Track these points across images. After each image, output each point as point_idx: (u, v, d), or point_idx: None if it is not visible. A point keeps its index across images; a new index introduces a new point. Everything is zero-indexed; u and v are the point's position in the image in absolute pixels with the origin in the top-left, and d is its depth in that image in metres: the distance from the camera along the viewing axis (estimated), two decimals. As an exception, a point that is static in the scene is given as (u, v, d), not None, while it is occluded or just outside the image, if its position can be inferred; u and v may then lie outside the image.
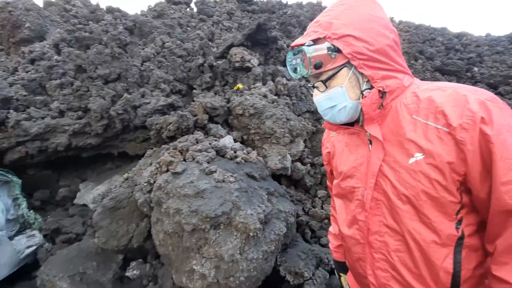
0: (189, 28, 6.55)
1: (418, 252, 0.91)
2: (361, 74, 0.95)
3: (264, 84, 4.21)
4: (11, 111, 3.67)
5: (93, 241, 3.17)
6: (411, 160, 0.88)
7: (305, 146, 4.23)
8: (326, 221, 3.53)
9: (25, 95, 3.81)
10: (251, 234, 2.18)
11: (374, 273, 1.02)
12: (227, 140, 3.24)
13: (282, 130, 3.62)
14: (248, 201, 2.36)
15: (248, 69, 4.29)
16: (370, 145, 1.01)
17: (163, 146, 3.39)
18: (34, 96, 3.89)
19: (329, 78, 0.96)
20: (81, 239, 3.94)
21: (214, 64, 4.41)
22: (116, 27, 5.55)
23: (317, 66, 0.94)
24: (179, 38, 5.49)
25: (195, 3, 7.86)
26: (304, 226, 3.49)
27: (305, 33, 1.01)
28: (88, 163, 5.20)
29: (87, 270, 2.88)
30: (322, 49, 0.93)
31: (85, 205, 4.16)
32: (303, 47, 0.96)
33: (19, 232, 3.56)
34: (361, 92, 0.97)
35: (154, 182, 2.80)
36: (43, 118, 3.76)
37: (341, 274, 1.47)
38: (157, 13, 6.80)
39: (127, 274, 3.01)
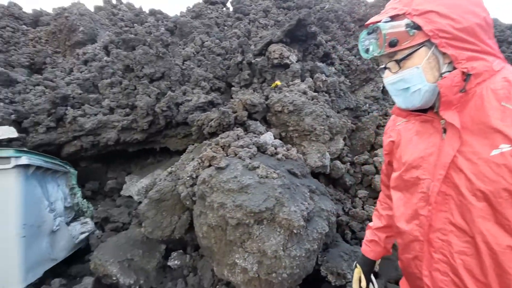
0: (226, 27, 6.67)
1: (488, 257, 0.80)
2: (443, 54, 0.85)
3: (302, 80, 4.14)
4: (68, 108, 4.01)
5: (139, 231, 3.36)
6: (495, 152, 0.78)
7: (345, 144, 4.09)
8: (367, 222, 3.38)
9: (80, 93, 4.14)
10: (295, 231, 2.15)
11: (431, 274, 0.93)
12: (268, 137, 3.24)
13: (322, 127, 3.53)
14: (291, 198, 2.33)
15: (287, 66, 4.25)
16: (443, 134, 0.91)
17: (204, 142, 3.49)
18: (88, 94, 4.21)
19: (405, 57, 0.88)
20: (127, 228, 4.21)
21: (253, 61, 4.44)
22: (158, 28, 5.83)
23: (392, 44, 0.86)
24: (217, 37, 5.61)
25: (231, 2, 7.98)
26: (344, 226, 3.37)
27: (382, 11, 0.94)
28: (133, 157, 5.54)
29: (134, 257, 3.06)
30: (399, 25, 0.85)
31: (130, 196, 4.44)
32: (378, 24, 0.88)
33: (74, 219, 3.89)
34: (440, 74, 0.86)
35: (197, 176, 2.89)
36: (95, 114, 4.06)
37: (357, 265, 1.37)
38: (195, 13, 7.02)
39: (169, 263, 3.14)
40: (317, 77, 4.18)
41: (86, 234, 3.80)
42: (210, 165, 2.80)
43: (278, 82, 4.10)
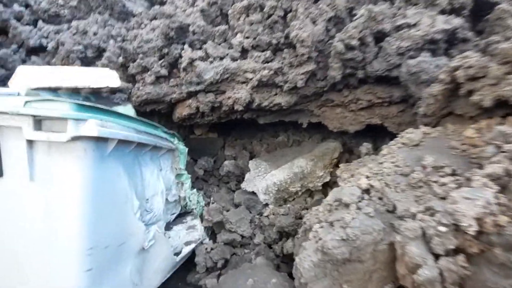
0: None
1: None
2: None
3: None
4: (185, 46, 2.53)
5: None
6: None
7: None
8: None
9: (202, 26, 2.60)
10: None
11: None
12: None
13: None
14: None
15: None
16: None
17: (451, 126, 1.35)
18: (213, 27, 2.64)
19: None
20: (248, 244, 2.72)
21: None
22: None
23: None
24: None
25: None
26: None
27: None
28: (256, 130, 3.99)
29: None
30: None
31: (254, 193, 2.87)
32: None
33: (178, 217, 2.59)
34: None
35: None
36: (221, 58, 2.47)
37: None
38: None
39: None
40: None
41: (192, 246, 2.44)
42: None
43: None
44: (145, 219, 2.00)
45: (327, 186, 2.82)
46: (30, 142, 1.33)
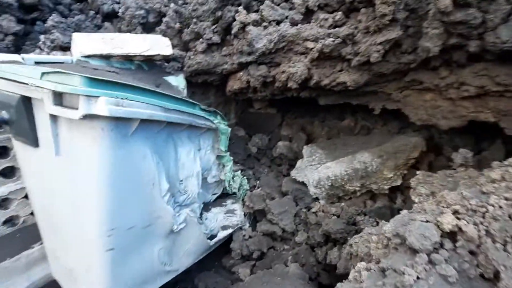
0: None
1: None
2: None
3: None
4: (239, 8, 2.17)
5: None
6: None
7: None
8: None
9: (262, -18, 2.17)
10: None
11: None
12: None
13: None
14: None
15: None
16: None
17: None
18: (273, -17, 2.18)
19: None
20: (289, 239, 2.46)
21: None
22: None
23: None
24: None
25: None
26: None
27: None
28: (317, 109, 3.47)
29: None
30: None
31: (303, 183, 2.52)
32: None
33: (218, 199, 2.47)
34: None
35: None
36: (278, 22, 2.03)
37: None
38: None
39: None
40: None
41: (229, 231, 2.31)
42: None
43: None
44: (178, 200, 1.91)
45: (396, 191, 2.25)
46: (53, 117, 1.27)
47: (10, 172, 2.04)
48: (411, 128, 2.65)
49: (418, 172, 1.64)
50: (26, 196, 1.98)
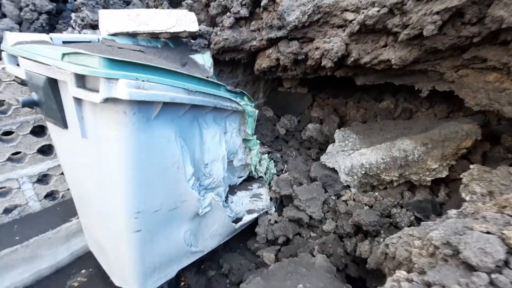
0: None
1: None
2: None
3: None
4: (271, -24, 1.96)
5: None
6: None
7: None
8: None
9: None
10: None
11: None
12: None
13: None
14: None
15: None
16: None
17: None
18: None
19: None
20: (316, 226, 2.37)
21: None
22: None
23: None
24: None
25: None
26: None
27: None
28: (352, 88, 3.18)
29: None
30: None
31: (334, 169, 2.36)
32: None
33: (244, 182, 2.42)
34: None
35: None
36: (313, -9, 1.80)
37: None
38: None
39: None
40: None
41: (255, 216, 2.28)
42: None
43: None
44: (203, 184, 1.88)
45: (440, 183, 2.02)
46: (77, 99, 1.25)
47: (48, 150, 2.14)
48: (462, 112, 2.34)
49: (472, 166, 1.42)
50: (63, 173, 2.09)
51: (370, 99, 2.98)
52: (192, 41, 2.50)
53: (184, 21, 2.23)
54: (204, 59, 2.38)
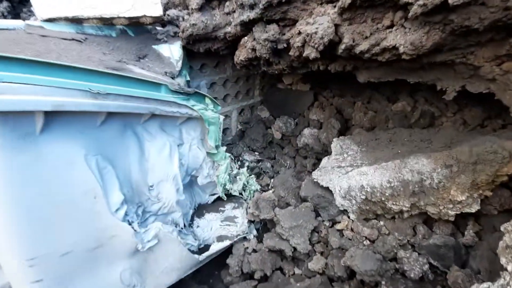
0: None
1: None
2: None
3: None
4: None
5: None
6: None
7: None
8: None
9: None
10: None
11: None
12: None
13: None
14: None
15: None
16: None
17: None
18: None
19: None
20: (302, 260, 1.90)
21: None
22: None
23: None
24: None
25: None
26: None
27: None
28: (361, 85, 2.61)
29: None
30: None
31: (328, 189, 1.87)
32: None
33: (216, 202, 1.99)
34: None
35: None
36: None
37: None
38: None
39: None
40: None
41: (227, 244, 1.85)
42: None
43: None
44: (151, 210, 1.48)
45: (469, 216, 1.48)
46: None
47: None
48: (501, 119, 1.75)
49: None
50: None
51: (382, 99, 2.42)
52: (159, 29, 2.08)
53: (143, 3, 1.82)
54: (172, 51, 1.96)
